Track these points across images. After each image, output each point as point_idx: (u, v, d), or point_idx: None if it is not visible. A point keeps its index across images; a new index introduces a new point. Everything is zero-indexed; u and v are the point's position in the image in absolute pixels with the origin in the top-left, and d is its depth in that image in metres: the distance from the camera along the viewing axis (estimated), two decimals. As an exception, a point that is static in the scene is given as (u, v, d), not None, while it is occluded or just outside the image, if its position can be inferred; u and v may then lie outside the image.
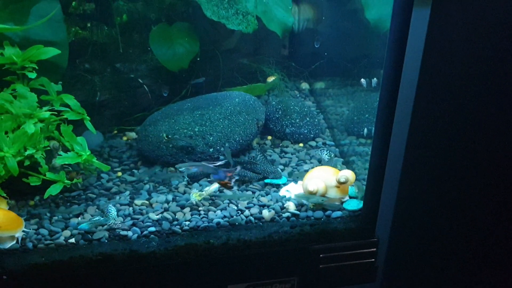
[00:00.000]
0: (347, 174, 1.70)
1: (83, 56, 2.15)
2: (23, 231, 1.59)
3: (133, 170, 1.98)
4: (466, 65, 1.42)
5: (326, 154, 1.96)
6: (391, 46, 1.39)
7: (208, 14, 1.96)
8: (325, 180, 1.73)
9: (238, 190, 1.86)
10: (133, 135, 2.20)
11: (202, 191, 1.75)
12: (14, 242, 1.57)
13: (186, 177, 1.88)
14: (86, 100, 2.10)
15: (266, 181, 1.87)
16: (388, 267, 1.80)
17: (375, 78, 1.62)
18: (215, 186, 1.77)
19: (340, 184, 1.70)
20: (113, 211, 1.63)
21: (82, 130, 1.81)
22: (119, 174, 1.95)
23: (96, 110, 2.15)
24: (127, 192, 1.84)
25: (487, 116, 1.55)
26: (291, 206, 1.73)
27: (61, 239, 1.59)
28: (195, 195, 1.72)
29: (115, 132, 2.23)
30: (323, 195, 1.73)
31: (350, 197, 1.77)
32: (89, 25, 2.15)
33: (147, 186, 1.87)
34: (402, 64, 1.40)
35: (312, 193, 1.71)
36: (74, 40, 2.14)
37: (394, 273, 1.85)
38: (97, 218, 1.64)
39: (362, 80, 1.77)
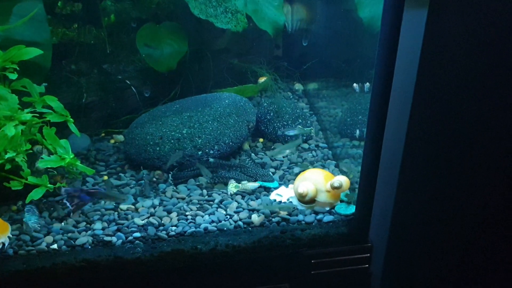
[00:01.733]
0: (342, 180, 1.68)
1: (69, 57, 2.15)
2: (8, 236, 1.57)
3: (120, 174, 1.96)
4: (464, 66, 1.41)
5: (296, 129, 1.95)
6: (382, 46, 1.37)
7: (196, 12, 1.94)
8: (316, 183, 1.71)
9: (227, 193, 1.83)
10: (120, 138, 2.18)
11: (240, 184, 1.77)
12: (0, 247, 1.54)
13: (171, 179, 1.88)
14: (72, 102, 2.11)
15: (258, 183, 1.85)
16: (384, 273, 1.78)
17: (367, 83, 1.62)
18: (255, 184, 1.79)
19: (334, 189, 1.68)
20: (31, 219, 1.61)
21: (69, 133, 1.78)
22: (105, 178, 1.92)
23: (83, 112, 2.14)
24: (113, 197, 1.81)
25: (485, 116, 1.53)
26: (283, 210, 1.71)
27: (43, 245, 1.57)
28: (231, 186, 1.75)
29: (103, 135, 2.21)
30: (312, 199, 1.71)
31: (341, 201, 1.75)
32: (76, 25, 2.15)
33: (133, 190, 1.85)
34: (393, 64, 1.38)
35: (302, 196, 1.69)
36: (61, 41, 2.14)
37: (390, 279, 1.83)
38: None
39: (355, 84, 1.76)
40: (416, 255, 1.78)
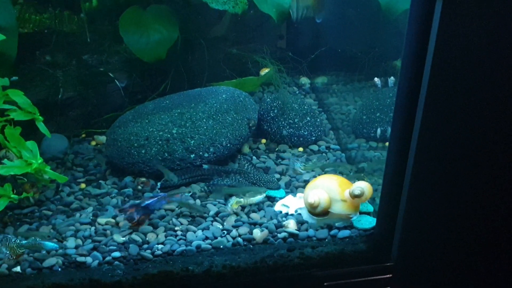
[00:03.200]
0: (363, 186, 1.58)
1: (44, 47, 2.07)
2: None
3: (100, 181, 1.86)
4: (483, 61, 1.33)
5: (299, 165, 1.86)
6: (412, 31, 1.29)
7: (187, -10, 1.88)
8: (329, 191, 1.61)
9: (224, 204, 1.71)
10: (103, 139, 2.08)
11: (241, 199, 1.67)
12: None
13: (158, 188, 1.79)
14: (47, 98, 2.03)
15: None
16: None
17: (392, 77, 1.56)
18: (260, 196, 1.69)
19: (354, 197, 1.58)
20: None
21: (43, 134, 1.70)
22: (83, 186, 1.82)
23: (59, 110, 2.07)
24: (90, 208, 1.70)
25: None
26: (291, 225, 1.61)
27: (3, 268, 1.46)
28: (232, 202, 1.66)
29: (83, 136, 2.13)
30: (325, 210, 1.61)
31: (361, 213, 1.65)
32: (52, 11, 2.06)
33: (114, 200, 1.74)
34: (425, 52, 1.29)
35: (312, 206, 1.60)
36: (35, 29, 2.06)
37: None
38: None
39: (376, 79, 1.71)
40: (442, 274, 1.69)
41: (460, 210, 1.56)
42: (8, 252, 1.43)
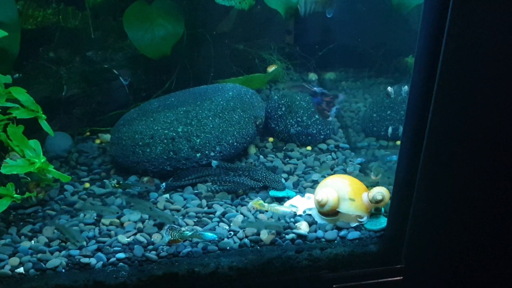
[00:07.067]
0: (383, 191, 1.57)
1: (47, 43, 2.07)
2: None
3: (104, 180, 1.86)
4: (498, 60, 1.30)
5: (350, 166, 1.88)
6: (425, 26, 1.27)
7: (193, -14, 1.87)
8: (338, 190, 1.60)
9: (231, 204, 1.72)
10: (107, 137, 2.09)
11: (265, 202, 1.66)
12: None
13: (163, 187, 1.78)
14: (51, 95, 2.04)
15: (271, 193, 1.75)
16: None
17: (406, 86, 1.55)
18: (286, 210, 1.65)
19: (375, 203, 1.58)
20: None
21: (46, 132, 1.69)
22: (87, 185, 1.83)
23: (63, 107, 2.07)
24: (94, 208, 1.71)
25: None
26: (303, 226, 1.60)
27: (7, 269, 1.45)
28: (254, 202, 1.65)
29: (87, 134, 2.14)
30: (334, 209, 1.59)
31: (372, 214, 1.63)
32: (55, 7, 2.06)
33: (118, 200, 1.73)
34: (439, 48, 1.27)
35: (320, 204, 1.59)
36: (38, 25, 2.07)
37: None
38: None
39: (389, 88, 1.69)
40: (454, 277, 1.69)
41: (472, 211, 1.55)
42: (170, 237, 1.48)
